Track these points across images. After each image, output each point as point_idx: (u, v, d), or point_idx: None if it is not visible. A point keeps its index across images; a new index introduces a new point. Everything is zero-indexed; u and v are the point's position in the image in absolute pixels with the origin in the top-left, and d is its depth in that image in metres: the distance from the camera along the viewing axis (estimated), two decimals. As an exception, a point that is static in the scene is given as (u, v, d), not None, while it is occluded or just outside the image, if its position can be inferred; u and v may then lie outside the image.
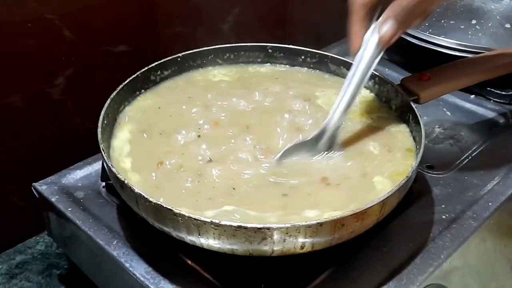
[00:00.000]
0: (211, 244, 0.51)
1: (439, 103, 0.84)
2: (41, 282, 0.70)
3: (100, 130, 0.60)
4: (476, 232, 0.62)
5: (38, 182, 0.68)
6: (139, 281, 0.56)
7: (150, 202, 0.51)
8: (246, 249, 0.51)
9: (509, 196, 0.67)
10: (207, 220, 0.49)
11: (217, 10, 0.90)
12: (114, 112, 0.66)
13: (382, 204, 0.53)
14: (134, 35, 0.81)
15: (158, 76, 0.74)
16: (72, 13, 0.73)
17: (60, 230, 0.68)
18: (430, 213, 0.65)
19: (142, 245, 0.60)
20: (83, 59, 0.76)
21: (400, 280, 0.56)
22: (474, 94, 0.87)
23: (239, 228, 0.49)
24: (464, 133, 0.79)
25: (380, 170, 0.61)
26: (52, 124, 0.76)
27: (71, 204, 0.65)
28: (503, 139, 0.78)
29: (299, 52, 0.79)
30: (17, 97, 0.71)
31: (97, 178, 0.68)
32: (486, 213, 0.64)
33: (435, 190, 0.68)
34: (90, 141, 0.61)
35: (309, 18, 1.02)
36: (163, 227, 0.53)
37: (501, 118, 0.83)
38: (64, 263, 0.72)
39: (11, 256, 0.73)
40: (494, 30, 0.93)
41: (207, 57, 0.77)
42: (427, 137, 0.77)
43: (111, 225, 0.62)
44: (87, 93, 0.76)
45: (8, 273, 0.71)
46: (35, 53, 0.71)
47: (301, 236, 0.50)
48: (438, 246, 0.60)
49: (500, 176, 0.70)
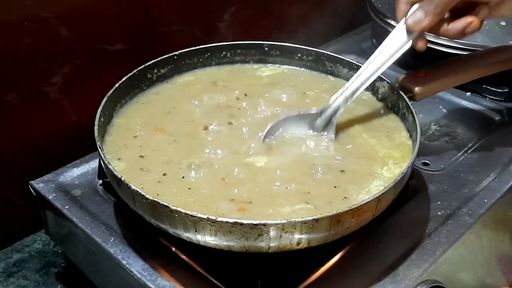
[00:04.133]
0: (207, 241, 0.52)
1: (435, 101, 0.84)
2: (39, 280, 0.70)
3: (96, 128, 0.60)
4: (471, 229, 0.63)
5: (35, 180, 0.68)
6: (136, 278, 0.56)
7: (147, 199, 0.51)
8: (242, 245, 0.51)
9: (504, 193, 0.68)
10: (204, 216, 0.49)
11: (214, 8, 0.90)
12: (111, 110, 0.67)
13: (377, 200, 0.53)
14: (130, 33, 0.81)
15: (155, 74, 0.74)
16: (68, 11, 0.73)
17: (57, 228, 0.68)
18: (426, 210, 0.65)
19: (139, 242, 0.60)
20: (79, 57, 0.76)
21: (396, 276, 0.56)
22: (470, 91, 0.87)
23: (235, 224, 0.49)
24: (460, 130, 0.80)
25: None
26: (49, 122, 0.76)
27: (68, 202, 0.65)
28: (498, 136, 0.78)
29: (296, 50, 0.79)
30: (14, 95, 0.71)
31: (94, 176, 0.69)
32: (482, 210, 0.65)
33: (431, 187, 0.68)
34: (87, 139, 0.61)
35: (307, 16, 1.02)
36: (160, 224, 0.53)
37: (496, 115, 0.83)
38: (61, 261, 0.72)
39: (9, 255, 0.73)
40: (490, 28, 0.93)
41: (203, 55, 0.77)
42: (423, 134, 0.78)
43: (108, 223, 0.62)
44: (84, 92, 0.76)
45: (5, 271, 0.71)
46: (31, 51, 0.71)
47: (297, 232, 0.50)
48: (433, 242, 0.60)
49: (495, 172, 0.71)
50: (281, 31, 0.98)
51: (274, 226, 0.49)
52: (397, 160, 0.63)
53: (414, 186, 0.68)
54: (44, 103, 0.75)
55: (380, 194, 0.52)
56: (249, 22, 0.94)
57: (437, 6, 0.60)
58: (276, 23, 0.99)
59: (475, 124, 0.81)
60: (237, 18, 0.92)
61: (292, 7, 1.00)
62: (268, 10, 0.98)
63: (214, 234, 0.50)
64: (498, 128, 0.81)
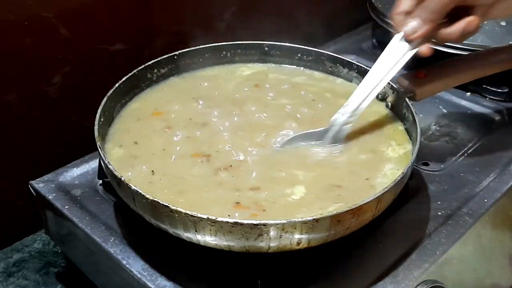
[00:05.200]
0: (207, 241, 0.52)
1: (435, 101, 0.84)
2: (39, 280, 0.70)
3: (96, 128, 0.60)
4: (471, 229, 0.63)
5: (35, 180, 0.68)
6: (136, 278, 0.56)
7: (147, 199, 0.51)
8: (242, 245, 0.51)
9: (505, 193, 0.68)
10: (204, 216, 0.49)
11: (214, 8, 0.90)
12: (111, 110, 0.67)
13: (377, 200, 0.53)
14: (130, 33, 0.81)
15: (155, 74, 0.74)
16: (68, 11, 0.73)
17: (57, 228, 0.68)
18: (426, 210, 0.65)
19: (139, 242, 0.60)
20: (79, 58, 0.76)
21: (396, 276, 0.56)
22: (470, 91, 0.87)
23: (236, 224, 0.49)
24: (460, 130, 0.80)
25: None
26: (49, 122, 0.77)
27: (68, 202, 0.65)
28: (498, 136, 0.78)
29: (296, 50, 0.79)
30: (14, 95, 0.71)
31: (94, 176, 0.69)
32: (482, 210, 0.65)
33: (431, 187, 0.68)
34: (87, 139, 0.61)
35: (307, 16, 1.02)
36: (160, 224, 0.53)
37: (496, 116, 0.83)
38: (61, 261, 0.73)
39: (8, 255, 0.73)
40: (490, 28, 0.93)
41: (203, 55, 0.77)
42: (423, 134, 0.78)
43: (108, 223, 0.62)
44: (84, 92, 0.76)
45: (5, 271, 0.71)
46: (31, 52, 0.71)
47: (297, 232, 0.50)
48: (434, 242, 0.60)
49: (495, 173, 0.71)
50: (281, 31, 0.98)
51: (274, 226, 0.49)
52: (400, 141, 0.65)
53: (414, 186, 0.68)
54: (44, 103, 0.75)
55: (380, 194, 0.52)
56: (249, 22, 0.94)
57: (432, 12, 0.60)
58: (276, 23, 0.99)
59: (475, 124, 0.81)
60: (237, 18, 0.92)
61: (292, 7, 1.00)
62: (268, 10, 0.98)
63: (214, 234, 0.50)
64: (498, 128, 0.81)
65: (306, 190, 0.58)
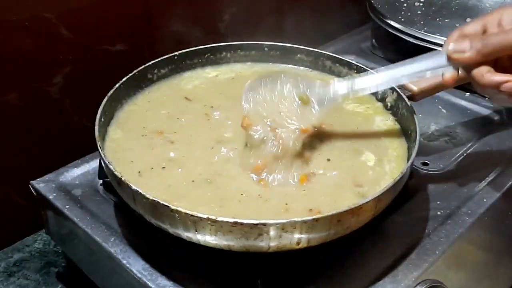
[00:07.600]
0: (207, 240, 0.52)
1: (434, 101, 0.84)
2: (39, 280, 0.70)
3: (97, 128, 0.60)
4: (471, 228, 0.63)
5: (36, 180, 0.68)
6: (136, 277, 0.56)
7: (147, 199, 0.51)
8: (242, 245, 0.51)
9: (504, 193, 0.68)
10: (204, 216, 0.49)
11: (214, 8, 0.90)
12: (111, 110, 0.67)
13: (377, 200, 0.53)
14: (131, 33, 0.81)
15: (155, 75, 0.74)
16: (69, 12, 0.73)
17: (58, 227, 0.68)
18: (425, 209, 0.65)
19: (139, 242, 0.60)
20: (80, 58, 0.76)
21: (395, 276, 0.57)
22: (469, 91, 0.87)
23: (236, 224, 0.49)
24: (459, 130, 0.80)
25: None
26: (50, 122, 0.77)
27: (68, 201, 0.65)
28: (497, 136, 0.78)
29: (296, 50, 0.79)
30: (15, 96, 0.72)
31: (94, 175, 0.69)
32: (481, 210, 0.65)
33: (430, 187, 0.68)
34: (87, 139, 0.61)
35: (307, 16, 1.02)
36: (160, 223, 0.54)
37: (495, 116, 0.83)
38: (62, 261, 0.73)
39: (9, 254, 0.73)
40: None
41: (203, 55, 0.77)
42: (422, 134, 0.78)
43: (109, 223, 0.63)
44: (85, 92, 0.76)
45: (6, 271, 0.71)
46: (32, 52, 0.71)
47: (297, 232, 0.50)
48: (433, 242, 0.60)
49: (495, 172, 0.71)
50: (281, 31, 0.98)
51: (274, 226, 0.49)
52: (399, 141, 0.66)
53: (414, 186, 0.68)
54: (44, 103, 0.75)
55: (379, 194, 0.53)
56: (249, 22, 0.94)
57: (485, 46, 0.56)
58: (276, 23, 0.99)
59: (474, 124, 0.81)
60: (237, 18, 0.93)
61: (292, 7, 1.01)
62: (268, 10, 0.98)
63: (214, 233, 0.50)
64: (497, 128, 0.81)
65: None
